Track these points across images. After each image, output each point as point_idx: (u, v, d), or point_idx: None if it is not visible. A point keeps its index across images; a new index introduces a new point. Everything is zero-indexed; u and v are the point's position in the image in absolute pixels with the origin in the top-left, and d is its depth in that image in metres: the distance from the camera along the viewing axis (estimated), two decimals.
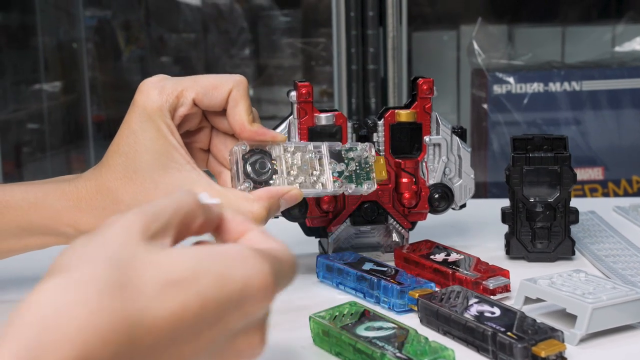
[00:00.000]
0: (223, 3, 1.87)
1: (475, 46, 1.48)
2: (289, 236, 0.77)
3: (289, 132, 0.72)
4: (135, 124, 0.61)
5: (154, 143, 0.60)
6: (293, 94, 0.72)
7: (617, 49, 1.56)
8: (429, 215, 0.75)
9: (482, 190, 1.46)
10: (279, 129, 0.72)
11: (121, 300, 0.34)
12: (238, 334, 0.39)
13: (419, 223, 0.75)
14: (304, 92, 0.71)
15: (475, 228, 0.83)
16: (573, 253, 0.72)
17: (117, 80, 1.92)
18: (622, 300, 0.55)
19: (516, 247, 0.73)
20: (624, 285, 0.58)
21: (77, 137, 1.84)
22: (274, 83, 1.84)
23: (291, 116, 0.72)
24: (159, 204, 0.40)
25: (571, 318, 0.55)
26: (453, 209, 0.75)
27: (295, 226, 0.75)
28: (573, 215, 0.72)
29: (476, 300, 0.57)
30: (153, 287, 0.35)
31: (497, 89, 1.44)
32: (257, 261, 0.39)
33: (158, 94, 0.62)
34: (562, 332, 0.51)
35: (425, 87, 0.72)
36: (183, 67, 1.95)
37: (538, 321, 0.53)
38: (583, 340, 0.54)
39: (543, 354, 0.49)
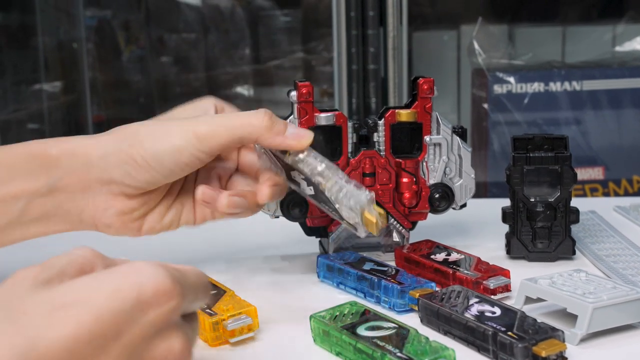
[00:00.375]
0: (223, 4, 1.87)
1: (476, 46, 1.48)
2: (290, 236, 0.78)
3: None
4: None
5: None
6: (293, 93, 0.72)
7: (618, 48, 1.56)
8: (430, 215, 0.75)
9: (483, 190, 1.46)
10: None
11: (9, 335, 0.35)
12: (152, 343, 0.39)
13: (420, 223, 0.75)
14: (304, 91, 0.71)
15: (476, 228, 0.83)
16: (574, 253, 0.72)
17: (118, 80, 1.92)
18: (623, 300, 0.55)
19: (517, 246, 0.73)
20: (624, 285, 0.57)
21: None
22: (274, 83, 1.84)
23: (291, 116, 0.72)
24: (52, 259, 0.40)
25: (572, 318, 0.55)
26: (453, 208, 0.75)
27: (295, 226, 0.74)
28: (574, 215, 0.72)
29: (477, 300, 0.57)
30: (43, 314, 0.36)
31: (498, 89, 1.44)
32: (150, 268, 0.39)
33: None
34: (562, 332, 0.51)
35: (425, 87, 0.72)
36: (183, 67, 1.95)
37: (539, 321, 0.53)
38: (584, 339, 0.54)
39: (544, 354, 0.49)
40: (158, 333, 0.39)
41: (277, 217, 0.73)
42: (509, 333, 0.51)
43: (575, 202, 0.74)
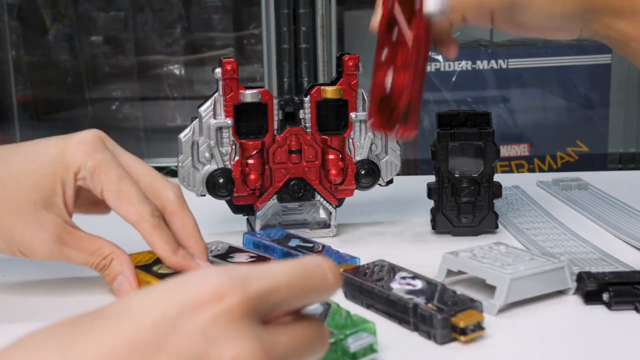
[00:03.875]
0: None
1: None
2: (217, 214, 0.77)
3: (214, 109, 0.71)
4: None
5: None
6: (218, 70, 0.71)
7: None
8: (357, 191, 0.75)
9: (413, 168, 1.48)
10: (204, 107, 0.72)
11: (45, 350, 0.34)
12: (206, 350, 0.34)
13: (347, 199, 0.76)
14: (228, 68, 0.71)
15: (403, 204, 0.84)
16: (496, 226, 0.74)
17: (44, 60, 1.87)
18: (539, 270, 0.56)
19: (442, 222, 0.74)
20: (541, 256, 0.59)
21: (1, 118, 1.79)
22: (205, 63, 1.82)
23: (217, 93, 0.72)
24: None
25: (492, 289, 0.56)
26: (380, 185, 0.75)
27: (222, 204, 0.74)
28: (497, 190, 0.73)
29: (399, 274, 0.57)
30: (86, 327, 0.35)
31: (427, 67, 1.46)
32: (201, 271, 0.36)
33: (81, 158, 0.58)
34: (480, 303, 0.52)
35: (350, 64, 0.73)
36: (114, 46, 1.92)
37: (458, 293, 0.53)
38: (502, 310, 0.55)
39: (462, 324, 0.50)
40: (213, 339, 0.34)
41: (203, 195, 0.72)
42: (429, 305, 0.52)
43: (500, 177, 0.75)
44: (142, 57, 1.88)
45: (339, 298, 0.57)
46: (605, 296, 0.56)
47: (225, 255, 0.64)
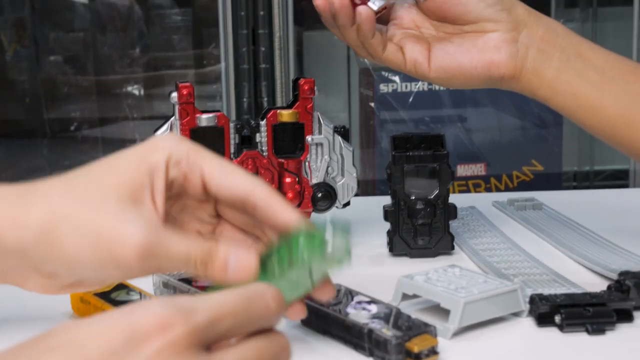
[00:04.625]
0: (120, 2, 1.83)
1: None
2: None
3: (171, 132, 0.71)
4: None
5: None
6: (174, 94, 0.71)
7: None
8: (313, 214, 0.75)
9: (371, 188, 1.49)
10: (160, 131, 0.72)
11: None
12: None
13: None
14: (185, 92, 0.71)
15: (361, 226, 0.84)
16: (452, 248, 0.74)
17: (1, 80, 1.85)
18: (493, 293, 0.57)
19: (399, 244, 0.74)
20: (495, 278, 0.59)
21: None
22: (165, 82, 1.82)
23: (173, 117, 0.71)
24: None
25: (447, 312, 0.57)
26: (337, 207, 0.76)
27: None
28: (452, 211, 0.74)
29: (356, 298, 0.57)
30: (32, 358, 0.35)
31: (384, 88, 1.47)
32: (148, 302, 0.36)
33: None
34: (434, 327, 0.52)
35: (306, 87, 0.73)
36: (72, 66, 1.90)
37: (413, 317, 0.54)
38: (457, 333, 0.56)
39: (416, 349, 0.50)
40: None
41: None
42: (384, 330, 0.52)
43: (456, 198, 0.76)
44: (102, 77, 1.87)
45: (295, 324, 0.57)
46: (557, 318, 0.57)
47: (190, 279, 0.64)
